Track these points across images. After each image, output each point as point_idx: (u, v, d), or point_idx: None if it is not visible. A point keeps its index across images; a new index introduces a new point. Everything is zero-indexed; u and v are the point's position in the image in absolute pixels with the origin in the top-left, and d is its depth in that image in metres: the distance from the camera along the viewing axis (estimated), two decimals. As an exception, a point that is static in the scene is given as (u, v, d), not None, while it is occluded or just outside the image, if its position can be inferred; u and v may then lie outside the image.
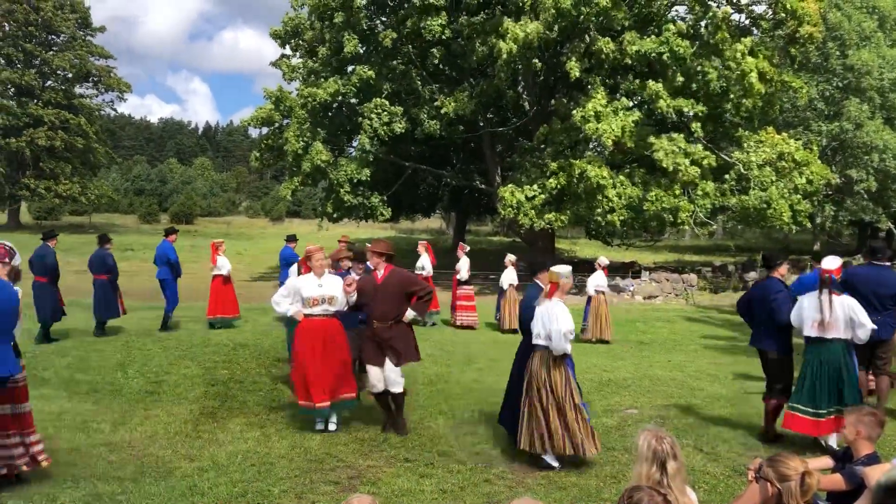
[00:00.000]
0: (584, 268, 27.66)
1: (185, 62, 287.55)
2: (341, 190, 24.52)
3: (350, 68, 25.98)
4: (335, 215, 27.42)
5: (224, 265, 14.75)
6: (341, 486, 6.06)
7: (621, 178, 21.47)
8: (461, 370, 11.18)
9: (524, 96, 26.56)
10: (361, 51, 24.56)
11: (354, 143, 26.37)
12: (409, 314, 7.68)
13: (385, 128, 23.37)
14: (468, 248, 16.99)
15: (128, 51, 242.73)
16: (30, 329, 11.90)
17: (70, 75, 51.79)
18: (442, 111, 23.51)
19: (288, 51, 28.87)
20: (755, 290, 7.96)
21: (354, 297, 7.62)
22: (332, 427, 7.58)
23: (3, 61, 49.29)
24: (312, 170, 24.21)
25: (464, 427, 8.00)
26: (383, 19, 26.03)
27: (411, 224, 55.75)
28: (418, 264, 15.90)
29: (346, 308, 7.74)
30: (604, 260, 15.49)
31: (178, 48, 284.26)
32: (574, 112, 20.89)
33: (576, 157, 22.12)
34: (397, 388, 7.58)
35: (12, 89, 49.03)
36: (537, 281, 7.14)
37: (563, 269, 6.65)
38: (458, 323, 16.15)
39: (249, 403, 8.74)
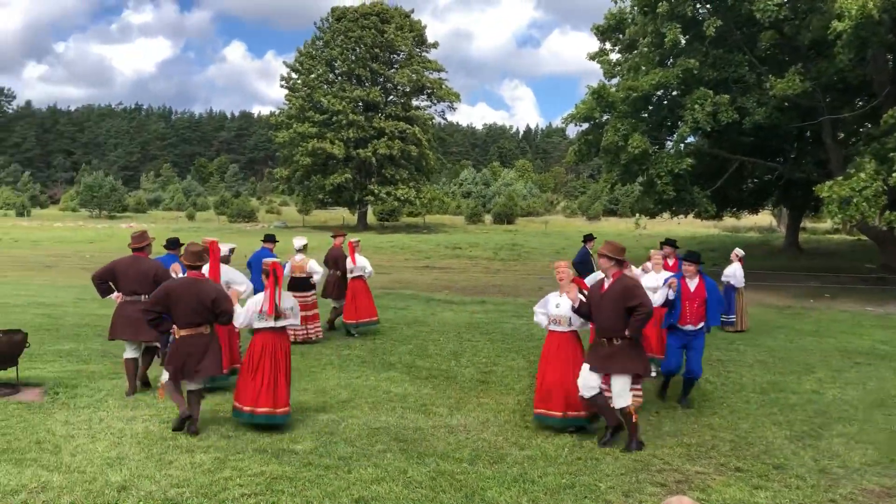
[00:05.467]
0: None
1: (513, 70, 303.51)
2: (659, 182, 23.73)
3: (670, 61, 25.15)
4: (653, 208, 26.59)
5: (364, 265, 13.18)
6: (668, 488, 5.92)
7: None
8: (798, 379, 10.26)
9: (873, 76, 23.50)
10: (683, 41, 23.59)
11: (674, 136, 25.49)
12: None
13: (708, 118, 22.15)
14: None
15: (464, 63, 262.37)
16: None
17: (407, 89, 57.33)
18: (770, 93, 21.69)
19: (608, 46, 28.81)
20: None
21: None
22: None
23: (355, 81, 56.09)
24: (630, 161, 23.76)
25: (803, 440, 7.36)
26: (708, 7, 24.76)
27: (736, 221, 52.30)
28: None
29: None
30: (740, 251, 15.43)
31: (507, 57, 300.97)
32: None
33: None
34: (620, 402, 6.96)
35: (361, 105, 55.50)
36: None
37: None
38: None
39: (573, 398, 8.89)
